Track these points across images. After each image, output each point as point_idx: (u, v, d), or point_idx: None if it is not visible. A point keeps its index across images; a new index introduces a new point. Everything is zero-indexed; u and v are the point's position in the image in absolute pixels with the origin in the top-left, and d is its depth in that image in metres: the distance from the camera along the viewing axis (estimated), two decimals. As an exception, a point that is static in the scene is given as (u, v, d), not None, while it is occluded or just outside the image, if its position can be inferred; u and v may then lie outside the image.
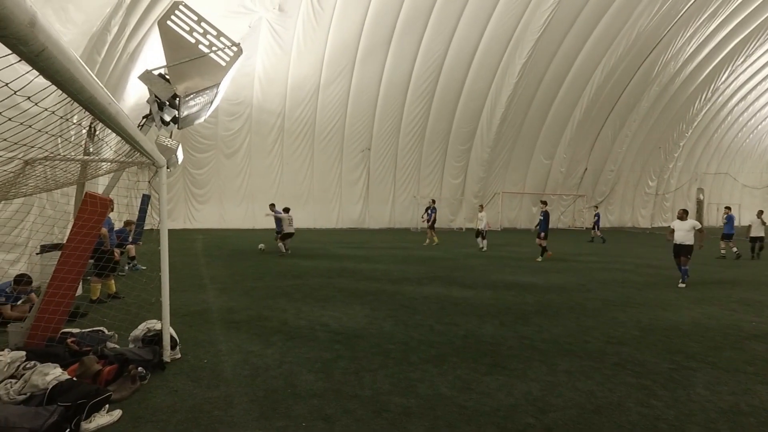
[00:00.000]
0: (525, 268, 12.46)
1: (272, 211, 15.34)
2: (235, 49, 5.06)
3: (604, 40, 25.43)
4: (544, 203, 15.04)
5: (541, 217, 14.18)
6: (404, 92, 24.97)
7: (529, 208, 31.38)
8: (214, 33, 4.92)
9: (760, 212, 16.07)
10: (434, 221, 18.90)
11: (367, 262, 12.93)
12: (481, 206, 18.01)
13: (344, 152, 25.86)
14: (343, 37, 22.12)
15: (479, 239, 16.75)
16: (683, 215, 10.44)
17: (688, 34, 26.90)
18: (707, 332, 6.40)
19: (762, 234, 15.75)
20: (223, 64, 4.88)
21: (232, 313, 6.93)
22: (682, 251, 10.01)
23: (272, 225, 15.87)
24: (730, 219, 16.17)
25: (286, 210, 15.18)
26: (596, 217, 22.81)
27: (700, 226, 10.05)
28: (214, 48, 4.77)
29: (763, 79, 33.71)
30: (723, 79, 31.36)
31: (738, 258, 15.58)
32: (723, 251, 16.04)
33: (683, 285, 9.92)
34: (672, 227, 10.38)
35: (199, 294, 8.21)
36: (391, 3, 21.40)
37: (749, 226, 16.05)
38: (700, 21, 26.20)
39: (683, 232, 10.01)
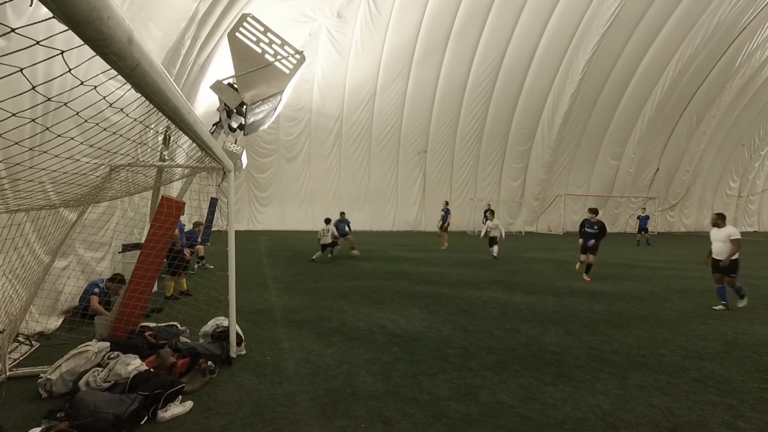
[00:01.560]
0: (592, 274, 11.84)
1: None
2: (298, 56, 5.22)
3: (679, 30, 23.69)
4: (594, 212, 11.25)
5: (595, 230, 10.79)
6: (461, 93, 24.67)
7: (593, 210, 29.81)
8: (279, 42, 5.10)
9: None
10: (448, 224, 17.97)
11: (424, 264, 12.86)
12: (492, 212, 16.55)
13: (400, 155, 25.96)
14: (400, 41, 22.24)
15: (494, 247, 14.43)
16: (719, 221, 8.12)
17: (778, 20, 24.46)
18: (805, 349, 5.75)
19: None
20: (287, 71, 5.04)
21: (293, 312, 7.15)
22: (718, 268, 7.99)
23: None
24: None
25: (330, 220, 14.32)
26: (639, 220, 21.29)
27: (737, 235, 7.86)
28: (278, 56, 4.95)
29: None
30: (819, 67, 28.17)
31: None
32: None
33: (743, 303, 8.06)
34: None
35: (262, 293, 8.54)
36: (448, 4, 21.25)
37: None
38: (792, 5, 23.73)
39: (719, 244, 7.96)
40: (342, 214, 15.28)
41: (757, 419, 3.79)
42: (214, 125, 6.00)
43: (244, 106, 5.18)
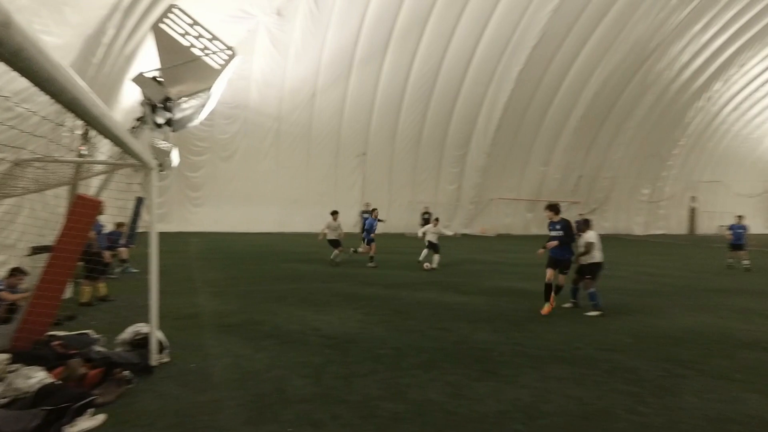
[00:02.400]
0: (520, 274, 12.47)
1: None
2: (229, 52, 5.06)
3: (600, 48, 25.63)
4: (553, 209, 8.18)
5: (558, 230, 7.86)
6: (401, 97, 25.06)
7: (523, 214, 31.47)
8: (209, 36, 4.92)
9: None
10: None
11: (362, 266, 12.90)
12: (437, 220, 14.15)
13: (340, 157, 25.91)
14: (341, 42, 22.21)
15: (436, 255, 12.97)
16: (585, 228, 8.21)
17: (683, 44, 27.18)
18: (699, 340, 6.42)
19: None
20: (217, 67, 4.88)
21: (223, 316, 6.89)
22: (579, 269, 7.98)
23: (265, 229, 15.77)
24: (733, 228, 15.28)
25: (338, 213, 13.87)
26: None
27: (592, 239, 8.03)
28: (207, 51, 4.78)
29: (756, 89, 34.04)
30: (716, 88, 31.64)
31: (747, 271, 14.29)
32: (730, 260, 15.21)
33: (594, 314, 7.71)
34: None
35: (191, 297, 8.16)
36: (389, 9, 21.52)
37: None
38: (695, 31, 26.47)
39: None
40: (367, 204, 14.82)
41: (655, 404, 4.17)
42: (137, 120, 5.67)
43: (170, 101, 4.93)
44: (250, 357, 5.12)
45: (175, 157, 7.22)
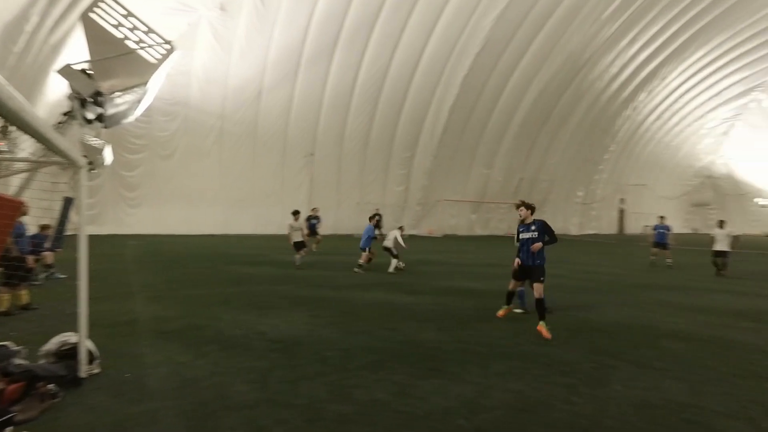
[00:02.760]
0: (466, 273, 12.82)
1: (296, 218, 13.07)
2: (167, 46, 4.84)
3: (539, 57, 26.96)
4: (528, 208, 7.43)
5: (533, 231, 7.05)
6: (349, 98, 25.06)
7: (468, 215, 32.43)
8: (144, 29, 4.68)
9: (722, 222, 14.68)
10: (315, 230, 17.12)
11: (310, 268, 12.75)
12: (402, 228, 14.17)
13: (287, 157, 25.49)
14: (288, 41, 21.88)
15: (399, 262, 12.86)
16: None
17: (612, 56, 29.17)
18: (627, 332, 6.89)
19: (727, 248, 13.87)
20: (154, 62, 4.65)
21: (162, 323, 6.57)
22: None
23: (207, 230, 15.24)
24: (657, 228, 16.27)
25: (299, 212, 13.31)
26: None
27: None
28: (143, 45, 4.54)
29: (675, 101, 37.17)
30: (642, 98, 34.23)
31: (656, 266, 15.65)
32: (653, 257, 16.09)
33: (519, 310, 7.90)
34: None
35: (126, 303, 7.70)
36: (336, 11, 21.47)
37: (713, 239, 14.37)
38: (623, 45, 28.49)
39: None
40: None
41: (587, 394, 4.44)
42: (64, 114, 5.30)
43: (101, 96, 4.64)
44: (190, 364, 4.92)
45: (108, 155, 6.81)
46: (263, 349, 5.52)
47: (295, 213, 13.13)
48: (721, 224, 14.63)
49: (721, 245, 14.08)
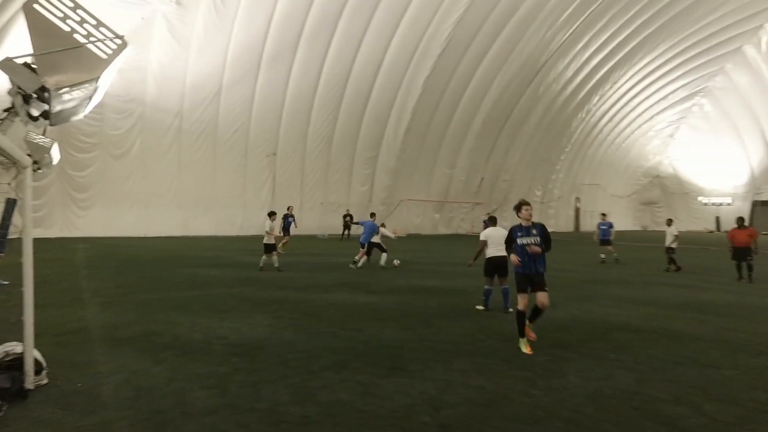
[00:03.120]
0: (429, 272, 12.99)
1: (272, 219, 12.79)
2: (118, 41, 4.64)
3: (498, 60, 27.65)
4: (525, 207, 6.54)
5: (534, 235, 6.13)
6: (312, 97, 24.85)
7: (432, 214, 32.84)
8: (93, 22, 4.47)
9: (670, 220, 15.76)
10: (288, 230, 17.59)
11: (272, 269, 12.55)
12: (383, 225, 14.92)
13: (249, 156, 24.98)
14: (248, 39, 21.45)
15: (395, 260, 13.88)
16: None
17: (567, 61, 30.28)
18: (581, 325, 7.19)
19: (673, 245, 14.78)
20: (104, 57, 4.44)
21: (116, 329, 6.30)
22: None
23: (165, 232, 14.74)
24: (600, 225, 17.04)
25: (275, 213, 13.10)
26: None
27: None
28: (92, 39, 4.33)
29: (625, 104, 39.04)
30: (595, 101, 35.75)
31: (603, 262, 16.31)
32: (603, 256, 16.70)
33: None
34: None
35: (76, 310, 7.34)
36: (298, 9, 21.23)
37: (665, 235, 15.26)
38: (577, 50, 29.63)
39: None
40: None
41: (544, 386, 4.61)
42: (5, 111, 4.99)
43: (47, 92, 4.40)
44: (146, 371, 4.74)
45: (55, 154, 6.46)
46: (224, 354, 5.40)
47: (271, 214, 12.81)
48: (669, 222, 15.65)
49: (668, 242, 15.00)
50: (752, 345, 6.28)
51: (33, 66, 4.19)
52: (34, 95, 4.38)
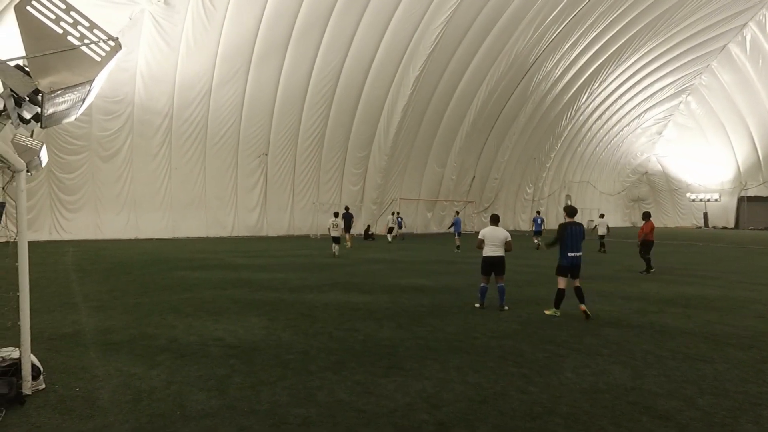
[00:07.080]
0: (420, 271, 13.04)
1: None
2: (112, 43, 4.60)
3: (487, 59, 27.79)
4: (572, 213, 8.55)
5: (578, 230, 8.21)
6: (302, 97, 24.76)
7: (423, 213, 32.93)
8: (86, 24, 4.43)
9: (602, 215, 22.07)
10: (350, 226, 20.79)
11: (265, 271, 12.53)
12: (336, 214, 17.44)
13: (240, 157, 24.84)
14: (237, 39, 21.31)
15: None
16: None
17: (556, 59, 30.51)
18: (573, 322, 7.29)
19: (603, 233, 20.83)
20: (98, 59, 4.41)
21: (110, 333, 6.26)
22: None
23: (155, 235, 14.60)
24: (534, 221, 22.21)
25: (339, 214, 17.63)
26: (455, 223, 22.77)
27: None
28: (86, 41, 4.30)
29: (613, 102, 39.45)
30: (583, 99, 36.08)
31: (538, 248, 20.52)
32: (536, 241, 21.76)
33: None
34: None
35: (69, 314, 7.27)
36: (287, 7, 21.14)
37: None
38: (565, 48, 29.88)
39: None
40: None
41: (542, 382, 4.68)
42: (-4, 114, 4.92)
43: (40, 95, 4.36)
44: (143, 375, 4.73)
45: (44, 156, 6.39)
46: (221, 356, 5.39)
47: (336, 214, 17.18)
48: (601, 216, 22.34)
49: (601, 230, 20.80)
50: (740, 339, 6.42)
51: (26, 68, 4.15)
52: (27, 98, 4.34)
